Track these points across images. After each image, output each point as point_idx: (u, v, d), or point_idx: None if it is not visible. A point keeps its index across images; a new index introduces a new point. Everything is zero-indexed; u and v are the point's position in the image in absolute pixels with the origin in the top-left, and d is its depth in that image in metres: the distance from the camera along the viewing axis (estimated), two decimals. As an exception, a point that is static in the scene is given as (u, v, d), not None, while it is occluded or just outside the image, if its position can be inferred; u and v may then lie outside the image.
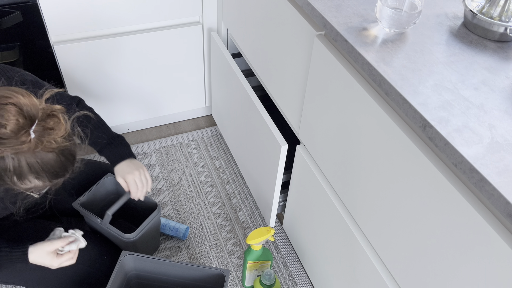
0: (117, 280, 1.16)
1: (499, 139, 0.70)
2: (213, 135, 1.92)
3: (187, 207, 1.63)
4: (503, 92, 0.79)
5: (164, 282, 1.25)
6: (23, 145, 0.78)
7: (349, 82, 0.93)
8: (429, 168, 0.76)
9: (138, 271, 1.23)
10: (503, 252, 0.65)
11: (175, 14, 1.59)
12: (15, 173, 0.81)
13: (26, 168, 0.81)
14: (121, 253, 1.18)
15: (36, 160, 0.81)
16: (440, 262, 0.79)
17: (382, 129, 0.87)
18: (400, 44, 0.89)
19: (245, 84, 1.45)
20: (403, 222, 0.87)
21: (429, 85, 0.79)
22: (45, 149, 0.81)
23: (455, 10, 1.01)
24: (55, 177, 0.87)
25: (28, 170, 0.81)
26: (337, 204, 1.11)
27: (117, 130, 1.87)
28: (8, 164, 0.79)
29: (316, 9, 0.97)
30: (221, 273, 1.15)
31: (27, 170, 0.81)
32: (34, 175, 0.83)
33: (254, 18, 1.34)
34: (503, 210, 0.61)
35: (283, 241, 1.55)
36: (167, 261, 1.18)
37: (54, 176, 0.86)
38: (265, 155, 1.37)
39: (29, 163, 0.81)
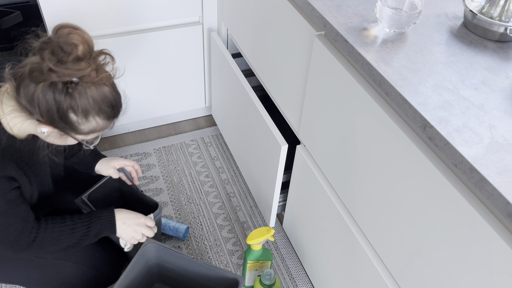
0: (137, 265, 1.20)
1: (499, 139, 0.70)
2: (213, 135, 1.92)
3: (187, 207, 1.63)
4: (503, 92, 0.79)
5: (182, 276, 1.27)
6: (90, 71, 0.87)
7: (349, 82, 0.93)
8: (429, 168, 0.76)
9: (160, 260, 1.26)
10: (503, 252, 0.65)
11: (175, 14, 1.59)
12: (82, 109, 0.88)
13: (90, 102, 0.88)
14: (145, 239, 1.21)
15: (98, 93, 0.88)
16: (440, 262, 0.79)
17: (382, 129, 0.87)
18: (400, 44, 0.89)
19: (245, 84, 1.45)
20: (403, 222, 0.87)
21: (429, 85, 0.79)
22: (103, 80, 0.89)
23: (455, 10, 1.01)
24: (111, 114, 0.94)
25: (92, 104, 0.88)
26: (337, 204, 1.11)
27: (117, 130, 1.88)
28: (76, 99, 0.86)
29: (316, 9, 0.97)
30: (235, 278, 1.16)
31: (91, 104, 0.88)
32: (96, 111, 0.90)
33: (254, 18, 1.34)
34: (503, 210, 0.61)
35: (283, 241, 1.55)
36: (187, 256, 1.20)
37: (111, 113, 0.93)
38: (265, 155, 1.38)
39: (92, 96, 0.88)
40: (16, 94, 0.88)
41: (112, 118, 0.95)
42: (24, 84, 0.86)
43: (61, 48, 0.84)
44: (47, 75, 0.83)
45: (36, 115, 0.88)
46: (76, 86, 0.86)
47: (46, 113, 0.87)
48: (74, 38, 0.85)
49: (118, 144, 1.85)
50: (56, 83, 0.85)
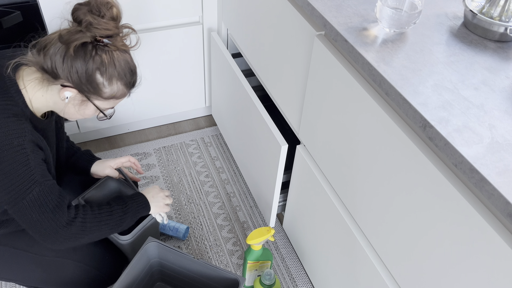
0: (138, 264, 1.21)
1: (499, 139, 0.70)
2: (213, 135, 1.92)
3: (187, 207, 1.63)
4: (503, 92, 0.79)
5: (183, 275, 1.28)
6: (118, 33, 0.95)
7: (349, 82, 0.93)
8: (429, 168, 0.76)
9: (161, 259, 1.27)
10: (503, 252, 0.65)
11: (175, 14, 1.59)
12: (108, 71, 0.94)
13: (116, 64, 0.95)
14: (147, 238, 1.23)
15: (122, 58, 0.96)
16: (440, 262, 0.79)
17: (382, 129, 0.87)
18: (400, 44, 0.89)
19: (245, 84, 1.45)
20: (403, 222, 0.87)
21: (429, 85, 0.79)
22: (126, 47, 0.97)
23: (455, 10, 1.01)
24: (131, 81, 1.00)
25: (118, 67, 0.95)
26: (337, 204, 1.11)
27: (117, 130, 1.88)
28: (104, 60, 0.93)
29: (316, 9, 0.97)
30: (235, 278, 1.16)
31: (117, 67, 0.95)
32: (120, 75, 0.96)
33: (254, 18, 1.34)
34: (503, 210, 0.61)
35: (283, 241, 1.55)
36: (188, 255, 1.20)
37: (130, 79, 1.00)
38: (265, 155, 1.38)
39: (118, 59, 0.95)
40: (42, 59, 0.93)
41: (131, 87, 1.02)
42: (55, 47, 0.91)
43: (98, 7, 0.92)
44: (82, 34, 0.90)
45: (62, 78, 0.93)
46: (104, 48, 0.93)
47: (75, 74, 0.93)
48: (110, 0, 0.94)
49: (118, 144, 1.85)
50: (87, 44, 0.91)
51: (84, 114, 1.02)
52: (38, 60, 0.94)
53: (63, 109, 1.01)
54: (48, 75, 0.94)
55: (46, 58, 0.93)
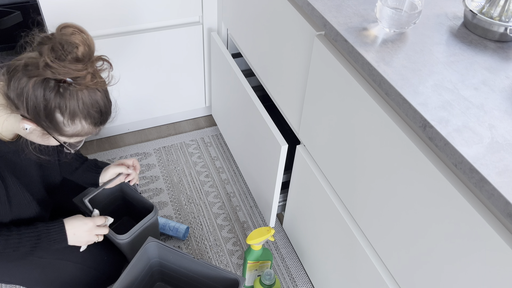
0: (138, 264, 1.20)
1: (499, 139, 0.70)
2: (213, 135, 1.92)
3: (187, 207, 1.63)
4: (503, 92, 0.79)
5: (183, 275, 1.28)
6: (86, 74, 0.86)
7: (349, 82, 0.93)
8: (429, 168, 0.76)
9: (161, 259, 1.27)
10: (503, 252, 0.65)
11: (175, 14, 1.59)
12: (69, 111, 0.87)
13: (80, 105, 0.87)
14: (147, 238, 1.22)
15: (89, 98, 0.88)
16: (440, 262, 0.79)
17: (382, 129, 0.87)
18: (400, 44, 0.89)
19: (245, 84, 1.45)
20: (403, 222, 0.87)
21: (429, 85, 0.79)
22: (97, 85, 0.89)
23: (455, 10, 1.01)
24: (99, 120, 0.93)
25: (81, 107, 0.88)
26: (337, 204, 1.11)
27: (117, 130, 1.88)
28: (66, 99, 0.86)
29: (316, 9, 0.97)
30: (235, 278, 1.16)
31: (80, 107, 0.88)
32: (84, 115, 0.89)
33: (254, 18, 1.34)
34: (503, 210, 0.61)
35: (283, 241, 1.55)
36: (188, 255, 1.20)
37: (99, 119, 0.93)
38: (265, 155, 1.38)
39: (83, 99, 0.87)
40: (6, 87, 0.87)
41: (99, 125, 0.95)
42: (16, 77, 0.85)
43: (61, 46, 0.84)
44: (42, 71, 0.83)
45: (22, 109, 0.87)
46: (69, 87, 0.86)
47: (33, 109, 0.86)
48: (77, 39, 0.86)
49: (118, 144, 1.85)
50: (49, 80, 0.84)
51: (48, 143, 0.96)
52: (3, 86, 0.88)
53: (27, 137, 0.95)
54: (11, 103, 0.88)
55: (9, 86, 0.86)
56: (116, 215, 1.49)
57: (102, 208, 1.40)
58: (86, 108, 0.89)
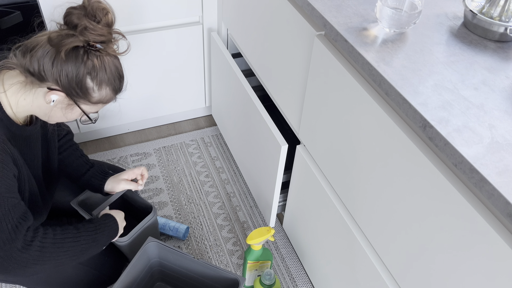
0: (138, 264, 1.20)
1: (499, 139, 0.70)
2: (213, 135, 1.92)
3: (187, 207, 1.63)
4: (503, 92, 0.79)
5: (183, 275, 1.28)
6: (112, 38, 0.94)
7: (349, 82, 0.93)
8: (429, 168, 0.76)
9: (161, 259, 1.27)
10: (503, 252, 0.65)
11: (175, 14, 1.59)
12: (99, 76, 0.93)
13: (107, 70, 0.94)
14: (147, 238, 1.22)
15: (113, 64, 0.95)
16: (440, 262, 0.79)
17: (382, 129, 0.87)
18: (400, 44, 0.89)
19: (245, 84, 1.45)
20: (403, 222, 0.87)
21: (429, 85, 0.79)
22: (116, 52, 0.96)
23: (455, 10, 1.01)
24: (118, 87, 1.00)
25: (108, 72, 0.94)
26: (337, 204, 1.11)
27: (117, 130, 1.88)
28: (96, 65, 0.92)
29: (316, 9, 0.97)
30: (235, 278, 1.16)
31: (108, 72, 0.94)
32: (109, 80, 0.95)
33: (254, 18, 1.34)
34: (503, 210, 0.61)
35: (283, 241, 1.55)
36: (188, 255, 1.20)
37: (119, 85, 0.99)
38: (265, 155, 1.38)
39: (109, 65, 0.94)
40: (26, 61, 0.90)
41: (118, 92, 1.01)
42: (41, 50, 0.89)
43: (95, 12, 0.91)
44: (75, 38, 0.89)
45: (49, 81, 0.91)
46: (96, 53, 0.92)
47: (65, 77, 0.90)
48: (105, 6, 0.94)
49: (118, 144, 1.85)
50: (78, 48, 0.90)
51: (68, 117, 1.00)
52: (23, 62, 0.91)
53: (48, 113, 0.97)
54: (34, 78, 0.91)
55: (33, 60, 0.90)
56: None
57: None
58: (112, 73, 0.96)
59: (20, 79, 0.93)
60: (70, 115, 0.99)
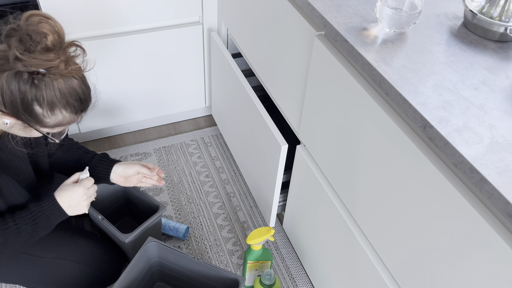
0: (138, 264, 1.20)
1: (499, 139, 0.70)
2: (213, 135, 1.92)
3: (187, 207, 1.63)
4: (503, 92, 0.79)
5: (183, 275, 1.28)
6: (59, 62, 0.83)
7: (349, 82, 0.93)
8: (429, 168, 0.76)
9: (161, 259, 1.26)
10: (503, 252, 0.65)
11: (175, 14, 1.59)
12: (48, 102, 0.84)
13: (57, 94, 0.85)
14: (148, 238, 1.21)
15: (65, 86, 0.85)
16: (440, 262, 0.79)
17: (382, 129, 0.87)
18: (400, 44, 0.89)
19: (245, 84, 1.45)
20: (403, 222, 0.87)
21: (429, 85, 0.79)
22: (72, 72, 0.86)
23: (455, 10, 1.01)
24: (79, 108, 0.90)
25: (59, 96, 0.85)
26: (337, 204, 1.11)
27: (117, 130, 1.88)
28: (42, 90, 0.83)
29: (316, 9, 0.97)
30: (235, 278, 1.16)
31: (58, 96, 0.85)
32: (63, 104, 0.86)
33: (254, 18, 1.34)
34: (503, 210, 0.61)
35: (283, 241, 1.55)
36: (188, 255, 1.20)
37: (79, 107, 0.90)
38: (265, 155, 1.38)
39: (60, 88, 0.85)
40: None
41: (80, 112, 0.92)
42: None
43: (29, 37, 0.81)
44: (13, 64, 0.80)
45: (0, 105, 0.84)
46: (43, 77, 0.83)
47: (10, 104, 0.83)
48: (44, 27, 0.82)
49: (118, 144, 1.85)
50: (22, 72, 0.81)
51: (31, 135, 0.93)
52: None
53: (9, 131, 0.92)
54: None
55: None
56: (118, 215, 1.49)
57: (104, 208, 1.40)
58: (64, 97, 0.86)
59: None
60: (31, 134, 0.93)
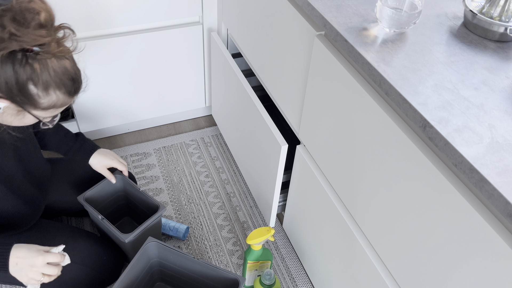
0: (138, 264, 1.20)
1: (499, 139, 0.70)
2: (213, 135, 1.92)
3: (187, 207, 1.63)
4: (503, 92, 0.79)
5: (183, 275, 1.27)
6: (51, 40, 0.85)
7: (349, 82, 0.93)
8: (429, 168, 0.76)
9: (161, 259, 1.26)
10: (503, 252, 0.65)
11: (175, 14, 1.59)
12: (42, 81, 0.85)
13: (51, 73, 0.86)
14: (148, 238, 1.22)
15: (59, 66, 0.87)
16: (440, 262, 0.79)
17: (382, 129, 0.87)
18: (400, 44, 0.89)
19: (245, 84, 1.45)
20: (403, 222, 0.87)
21: (429, 85, 0.79)
22: (63, 52, 0.87)
23: (455, 10, 1.01)
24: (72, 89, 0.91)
25: (53, 75, 0.86)
26: (337, 204, 1.11)
27: (117, 130, 1.88)
28: (36, 69, 0.84)
29: (316, 9, 0.97)
30: (235, 278, 1.16)
31: (52, 75, 0.86)
32: (57, 83, 0.87)
33: (254, 18, 1.34)
34: (503, 210, 0.61)
35: (283, 241, 1.55)
36: (188, 255, 1.20)
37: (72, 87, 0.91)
38: (265, 155, 1.38)
39: (53, 68, 0.86)
40: None
41: (73, 94, 0.93)
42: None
43: (23, 14, 0.82)
44: (7, 43, 0.80)
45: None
46: (36, 56, 0.83)
47: (5, 85, 0.83)
48: (36, 5, 0.84)
49: (118, 144, 1.85)
50: (16, 53, 0.82)
51: (23, 122, 0.93)
52: None
53: (1, 118, 0.91)
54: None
55: None
56: (118, 215, 1.49)
57: (104, 208, 1.40)
58: (58, 76, 0.87)
59: None
60: (23, 120, 0.93)
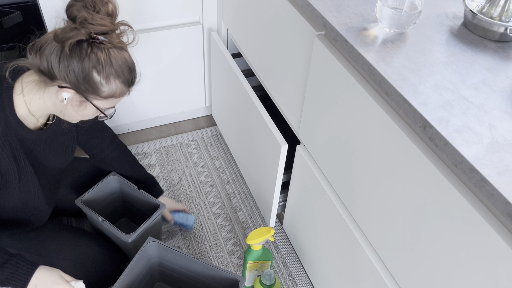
0: (138, 264, 1.20)
1: (499, 139, 0.70)
2: (213, 135, 1.92)
3: (187, 207, 1.63)
4: (503, 92, 0.79)
5: (183, 275, 1.28)
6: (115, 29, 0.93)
7: (349, 82, 0.93)
8: (429, 168, 0.76)
9: (161, 259, 1.27)
10: (503, 252, 0.65)
11: (175, 14, 1.59)
12: (105, 68, 0.92)
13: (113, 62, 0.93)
14: (147, 238, 1.22)
15: (119, 56, 0.94)
16: (440, 261, 0.79)
17: (382, 129, 0.87)
18: (400, 44, 0.89)
19: (245, 84, 1.45)
20: (403, 222, 0.87)
21: (429, 85, 0.79)
22: (122, 44, 0.95)
23: (455, 10, 1.01)
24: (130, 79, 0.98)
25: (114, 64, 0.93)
26: (337, 204, 1.11)
27: (117, 130, 1.88)
28: (100, 58, 0.90)
29: (316, 9, 0.97)
30: (235, 278, 1.16)
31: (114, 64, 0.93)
32: (118, 72, 0.94)
33: (254, 18, 1.34)
34: (503, 210, 0.61)
35: (283, 241, 1.55)
36: (188, 255, 1.20)
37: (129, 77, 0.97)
38: (265, 155, 1.38)
39: (115, 57, 0.93)
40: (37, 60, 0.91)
41: (130, 85, 0.99)
42: (48, 47, 0.89)
43: (93, 2, 0.91)
44: (77, 31, 0.88)
45: (59, 79, 0.91)
46: (100, 45, 0.91)
47: (72, 73, 0.90)
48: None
49: (118, 144, 1.85)
50: (82, 42, 0.89)
51: (84, 115, 1.00)
52: (35, 61, 0.92)
53: (63, 111, 0.98)
54: (45, 77, 0.92)
55: (42, 58, 0.90)
56: (115, 217, 1.49)
57: (102, 210, 1.40)
58: (119, 65, 0.94)
59: (35, 78, 0.95)
60: (84, 112, 0.99)
